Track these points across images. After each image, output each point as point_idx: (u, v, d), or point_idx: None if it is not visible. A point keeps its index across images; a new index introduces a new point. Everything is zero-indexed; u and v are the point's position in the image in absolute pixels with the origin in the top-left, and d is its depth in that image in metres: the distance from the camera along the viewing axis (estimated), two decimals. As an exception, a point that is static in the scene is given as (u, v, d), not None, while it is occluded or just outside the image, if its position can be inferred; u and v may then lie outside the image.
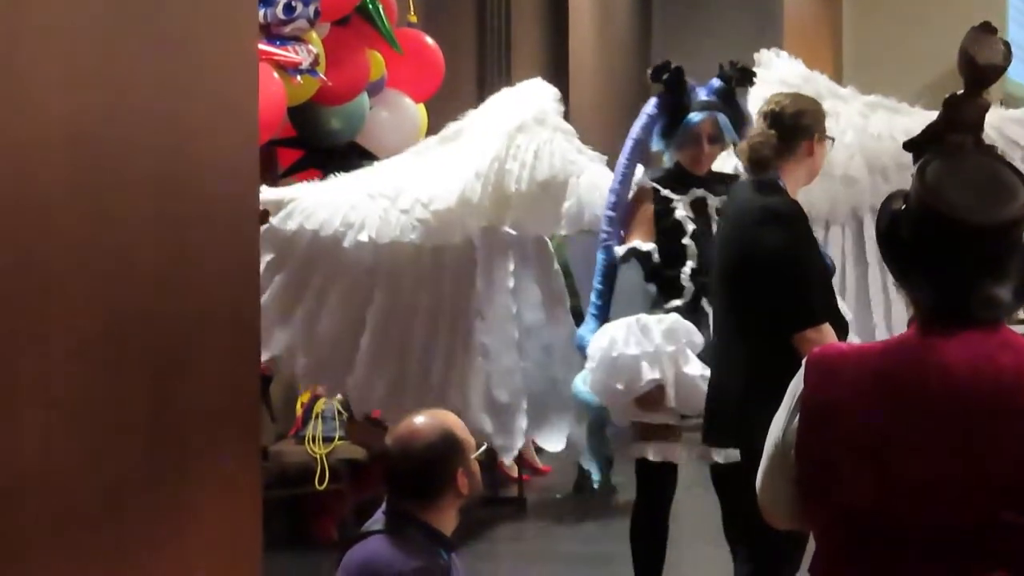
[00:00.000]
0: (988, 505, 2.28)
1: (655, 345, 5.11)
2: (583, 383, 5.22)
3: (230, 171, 2.88)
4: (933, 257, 2.39)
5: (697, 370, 5.06)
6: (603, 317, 5.36)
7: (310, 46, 6.82)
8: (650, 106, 5.62)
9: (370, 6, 7.50)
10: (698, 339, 5.16)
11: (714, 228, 5.24)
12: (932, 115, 5.79)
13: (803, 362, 2.46)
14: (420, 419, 3.80)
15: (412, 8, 8.82)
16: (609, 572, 7.52)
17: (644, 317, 5.19)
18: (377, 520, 3.79)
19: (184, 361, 2.58)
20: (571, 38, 13.54)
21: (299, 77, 6.68)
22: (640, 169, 5.59)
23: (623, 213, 5.47)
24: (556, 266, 5.93)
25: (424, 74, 8.50)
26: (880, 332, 5.96)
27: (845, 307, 5.85)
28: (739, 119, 5.44)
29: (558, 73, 13.55)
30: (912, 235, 2.40)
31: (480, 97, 12.92)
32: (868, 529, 2.37)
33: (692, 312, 5.28)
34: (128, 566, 2.48)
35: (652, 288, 5.35)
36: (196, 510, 2.62)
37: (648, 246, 5.39)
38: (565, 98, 13.89)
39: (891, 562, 2.35)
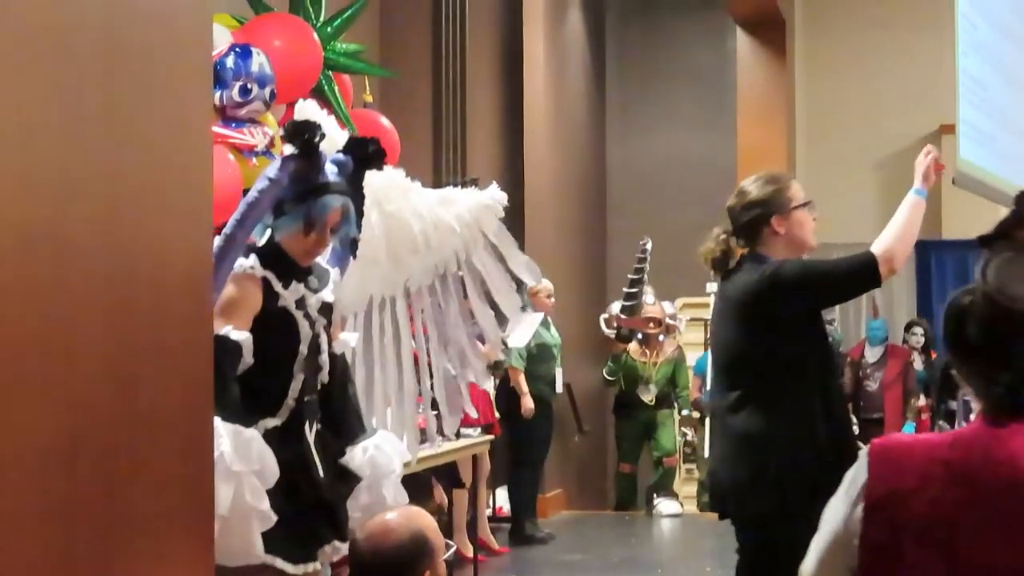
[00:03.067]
0: None
1: (243, 469, 4.15)
2: None
3: (185, 255, 2.84)
4: (997, 351, 2.46)
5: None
6: None
7: (266, 128, 6.82)
8: (274, 169, 4.50)
9: (326, 87, 7.52)
10: (271, 480, 4.22)
11: (321, 336, 4.45)
12: (449, 193, 5.59)
13: (864, 452, 2.56)
14: (393, 516, 3.78)
15: (367, 88, 8.85)
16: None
17: (250, 431, 4.21)
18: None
19: (137, 461, 2.54)
20: (525, 118, 13.61)
21: (255, 159, 6.67)
22: None
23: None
24: None
25: (379, 154, 8.49)
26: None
27: None
28: (360, 206, 4.59)
29: (513, 153, 13.62)
30: (978, 330, 2.47)
31: (435, 176, 13.03)
32: None
33: (288, 435, 4.35)
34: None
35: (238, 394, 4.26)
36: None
37: (242, 335, 4.31)
38: (521, 176, 14.06)
39: None
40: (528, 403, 11.42)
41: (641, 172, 16.33)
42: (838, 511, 2.55)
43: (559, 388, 12.18)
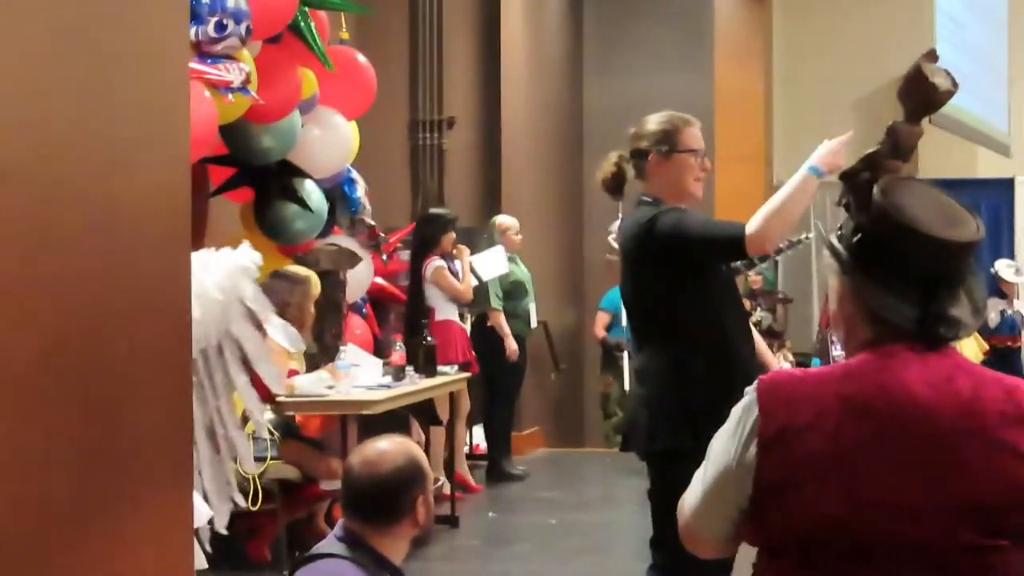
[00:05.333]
0: (950, 525, 2.34)
1: None
2: None
3: (162, 190, 2.84)
4: (894, 274, 2.45)
5: None
6: None
7: (241, 64, 6.80)
8: None
9: (302, 24, 7.50)
10: None
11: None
12: (207, 257, 4.85)
13: (751, 389, 2.51)
14: (386, 443, 3.80)
15: (344, 25, 8.82)
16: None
17: None
18: (330, 543, 3.77)
19: (117, 394, 2.55)
20: (503, 56, 13.57)
21: (231, 95, 6.66)
22: None
23: None
24: None
25: (356, 91, 8.50)
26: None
27: None
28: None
29: (490, 91, 13.60)
30: (874, 253, 2.46)
31: (411, 114, 12.99)
32: (829, 551, 2.40)
33: None
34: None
35: None
36: (128, 550, 2.59)
37: None
38: (497, 114, 13.99)
39: None
40: (512, 345, 11.40)
41: (618, 112, 16.20)
42: (727, 448, 2.50)
43: (533, 323, 12.18)
